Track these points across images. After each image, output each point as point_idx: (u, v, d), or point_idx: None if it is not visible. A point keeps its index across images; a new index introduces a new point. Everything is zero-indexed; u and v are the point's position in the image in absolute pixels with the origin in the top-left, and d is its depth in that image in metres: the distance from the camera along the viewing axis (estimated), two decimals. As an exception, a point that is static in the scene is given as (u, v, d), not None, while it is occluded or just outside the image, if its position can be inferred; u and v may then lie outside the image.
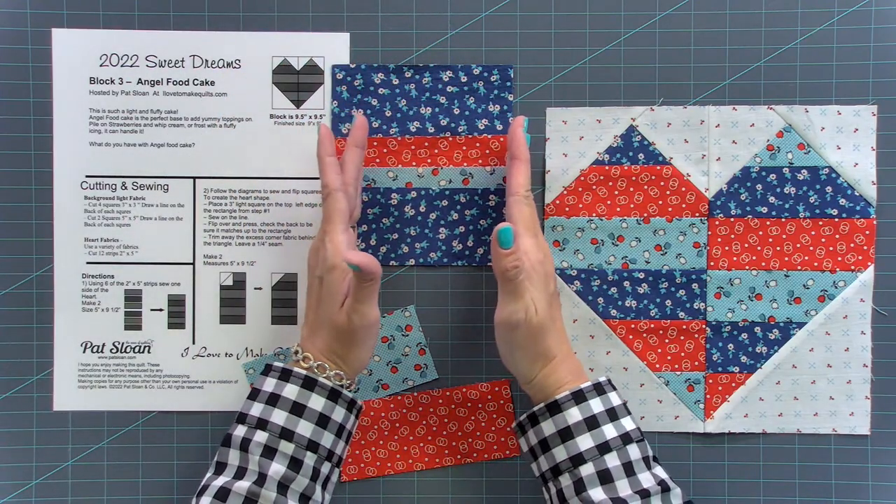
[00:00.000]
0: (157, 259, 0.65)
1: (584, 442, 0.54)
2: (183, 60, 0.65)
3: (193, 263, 0.65)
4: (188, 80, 0.65)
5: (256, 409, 0.55)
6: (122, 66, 0.64)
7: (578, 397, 0.55)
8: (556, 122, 0.65)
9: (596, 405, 0.55)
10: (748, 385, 0.64)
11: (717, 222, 0.64)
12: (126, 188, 0.65)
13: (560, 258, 0.65)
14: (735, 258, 0.64)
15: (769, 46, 0.64)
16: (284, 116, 0.65)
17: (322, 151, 0.58)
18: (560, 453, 0.54)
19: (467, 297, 0.65)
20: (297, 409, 0.54)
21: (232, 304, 0.65)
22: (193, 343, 0.65)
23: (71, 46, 0.64)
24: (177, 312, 0.65)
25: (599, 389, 0.55)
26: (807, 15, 0.64)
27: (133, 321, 0.65)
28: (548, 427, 0.55)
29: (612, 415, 0.55)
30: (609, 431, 0.54)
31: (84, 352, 0.65)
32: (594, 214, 0.65)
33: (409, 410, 0.65)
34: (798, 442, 0.65)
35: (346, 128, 0.65)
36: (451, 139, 0.65)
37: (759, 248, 0.64)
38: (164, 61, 0.65)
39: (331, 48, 0.65)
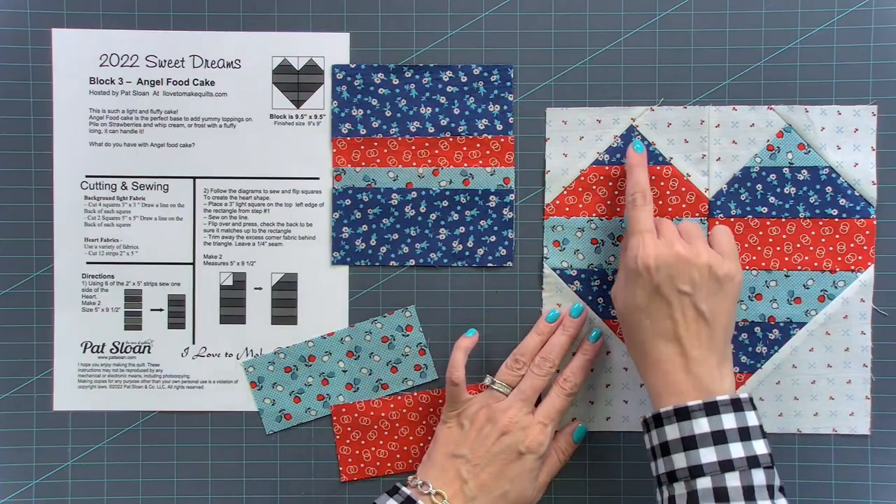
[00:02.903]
0: (157, 259, 0.65)
1: (707, 455, 0.52)
2: (183, 60, 0.65)
3: (193, 263, 0.65)
4: (188, 80, 0.65)
5: None
6: (122, 66, 0.65)
7: (710, 409, 0.53)
8: (556, 122, 0.65)
9: (728, 421, 0.52)
10: (748, 385, 0.64)
11: (717, 222, 0.64)
12: (126, 188, 0.65)
13: (560, 258, 0.65)
14: (735, 258, 0.64)
15: (769, 46, 0.64)
16: (284, 116, 0.65)
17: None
18: (680, 461, 0.53)
19: (467, 297, 0.65)
20: None
21: (232, 304, 0.65)
22: (193, 343, 0.65)
23: (71, 46, 0.64)
24: (177, 312, 0.65)
25: (737, 405, 0.53)
26: (807, 15, 0.64)
27: (133, 321, 0.65)
28: (672, 432, 0.53)
29: (745, 434, 0.52)
30: (736, 450, 0.52)
31: (84, 352, 0.65)
32: (594, 214, 0.65)
33: (409, 410, 0.65)
34: (798, 442, 0.65)
35: (347, 128, 0.65)
36: (451, 139, 0.65)
37: (759, 248, 0.64)
38: (164, 61, 0.65)
39: (331, 48, 0.65)
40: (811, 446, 0.65)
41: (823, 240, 0.64)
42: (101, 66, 0.64)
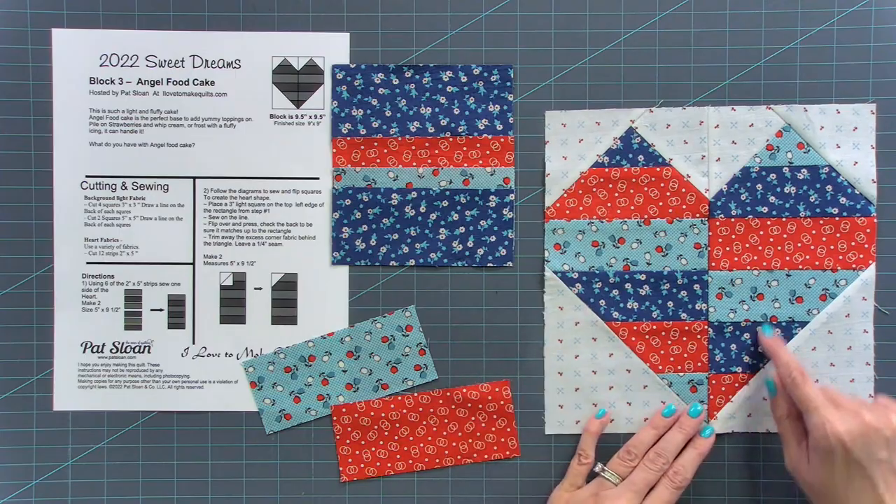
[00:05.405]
0: (157, 259, 0.65)
1: None
2: (183, 60, 0.65)
3: (193, 263, 0.65)
4: (188, 80, 0.65)
5: None
6: (122, 66, 0.65)
7: None
8: (555, 124, 0.65)
9: None
10: (751, 385, 0.64)
11: (717, 223, 0.64)
12: (126, 188, 0.65)
13: (561, 261, 0.65)
14: (736, 258, 0.64)
15: (769, 46, 0.64)
16: (284, 116, 0.65)
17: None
18: None
19: (467, 297, 0.65)
20: None
21: (232, 304, 0.65)
22: (193, 343, 0.65)
23: (71, 46, 0.64)
24: (177, 312, 0.65)
25: None
26: (807, 15, 0.64)
27: (133, 321, 0.65)
28: None
29: None
30: None
31: (84, 352, 0.65)
32: (594, 217, 0.65)
33: (409, 410, 0.65)
34: (800, 442, 0.64)
35: (347, 128, 0.65)
36: (451, 139, 0.65)
37: (760, 247, 0.64)
38: (164, 61, 0.65)
39: (331, 48, 0.65)
40: (813, 446, 0.64)
41: (824, 239, 0.64)
42: (101, 66, 0.65)
